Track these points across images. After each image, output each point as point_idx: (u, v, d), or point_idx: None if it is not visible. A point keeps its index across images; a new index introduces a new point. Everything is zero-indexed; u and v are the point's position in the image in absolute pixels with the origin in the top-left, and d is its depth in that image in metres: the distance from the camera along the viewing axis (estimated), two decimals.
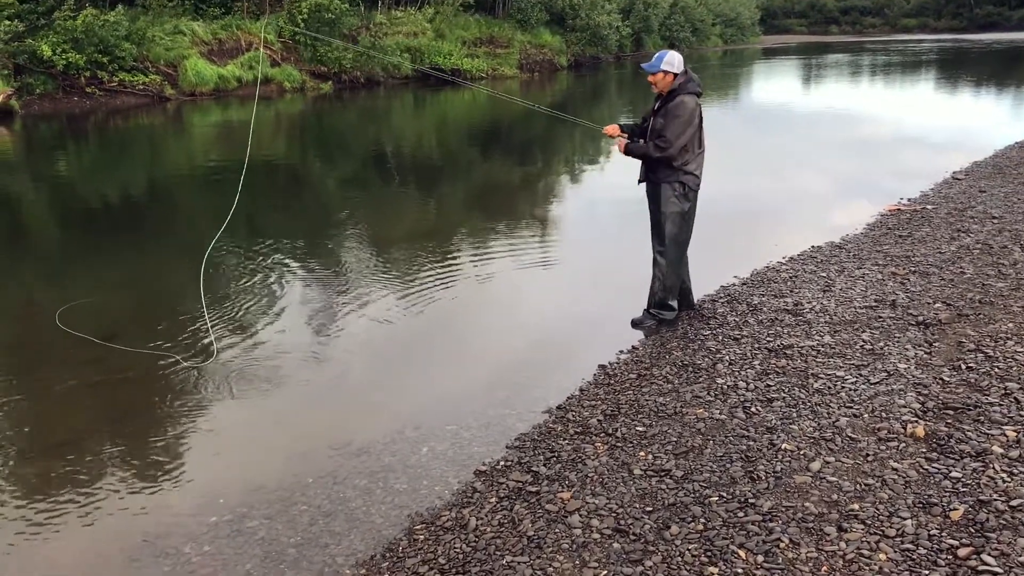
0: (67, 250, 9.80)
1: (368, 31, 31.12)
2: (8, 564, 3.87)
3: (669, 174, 6.26)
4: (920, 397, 4.85)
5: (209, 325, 6.69)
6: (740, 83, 35.96)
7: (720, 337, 6.15)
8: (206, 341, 6.42)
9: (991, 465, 4.02)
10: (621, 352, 6.08)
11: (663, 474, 4.23)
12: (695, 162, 6.26)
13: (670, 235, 6.38)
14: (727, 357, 5.74)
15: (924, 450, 4.26)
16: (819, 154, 15.77)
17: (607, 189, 12.76)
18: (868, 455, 4.24)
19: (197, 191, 13.35)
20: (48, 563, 3.88)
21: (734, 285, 7.44)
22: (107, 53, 23.10)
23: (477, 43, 36.51)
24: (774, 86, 34.77)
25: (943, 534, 3.53)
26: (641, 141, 6.42)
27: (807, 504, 3.84)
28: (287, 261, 8.62)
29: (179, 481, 4.56)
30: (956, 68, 40.72)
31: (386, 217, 11.27)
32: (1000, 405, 4.65)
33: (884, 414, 4.68)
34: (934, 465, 4.09)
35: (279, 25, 28.51)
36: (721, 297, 7.11)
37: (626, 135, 6.58)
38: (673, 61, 6.19)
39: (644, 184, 6.50)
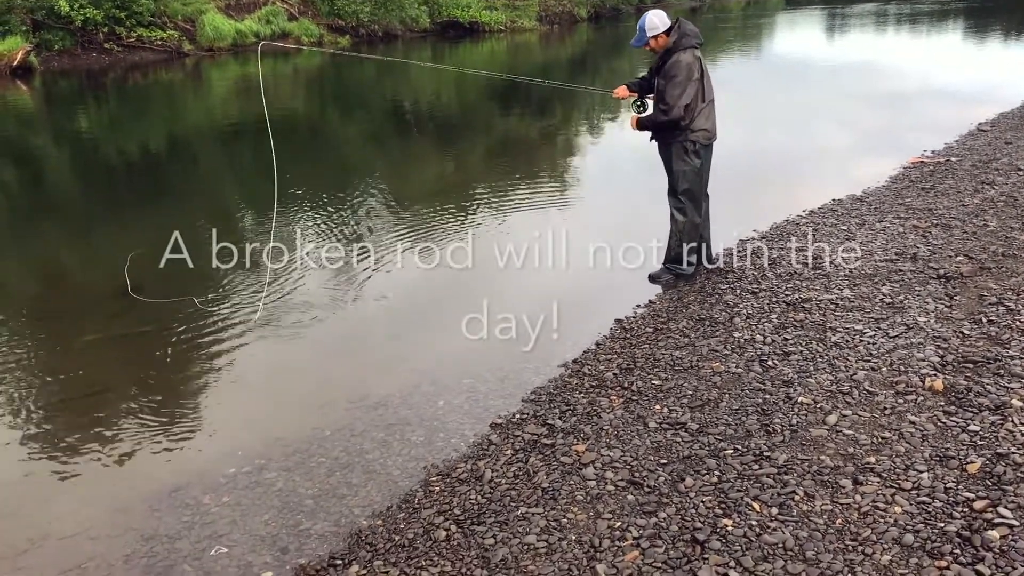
0: (93, 205, 9.85)
1: None
2: (32, 511, 3.95)
3: (677, 134, 6.20)
4: (939, 351, 4.81)
5: (232, 279, 6.74)
6: (763, 34, 35.38)
7: (738, 291, 6.11)
8: (228, 294, 6.46)
9: (1010, 418, 3.99)
10: (638, 306, 6.06)
11: (678, 427, 4.23)
12: (702, 116, 6.17)
13: (684, 191, 6.33)
14: (744, 311, 5.71)
15: (942, 403, 4.23)
16: (842, 106, 15.52)
17: (625, 142, 12.60)
18: (885, 408, 4.22)
19: (221, 146, 13.35)
20: (71, 511, 3.94)
21: (753, 239, 7.38)
22: (124, 8, 23.02)
23: None
24: (798, 37, 34.18)
25: (959, 487, 3.51)
26: (649, 100, 6.40)
27: (823, 457, 3.83)
28: (307, 214, 8.62)
29: (199, 433, 4.62)
30: (985, 17, 39.85)
31: (404, 172, 11.24)
32: (1021, 358, 4.60)
33: (902, 368, 4.65)
34: (952, 418, 4.06)
35: None
36: (740, 251, 7.06)
37: (635, 92, 6.54)
38: (655, 22, 6.10)
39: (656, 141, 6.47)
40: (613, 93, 6.69)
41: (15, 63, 20.10)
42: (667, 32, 6.12)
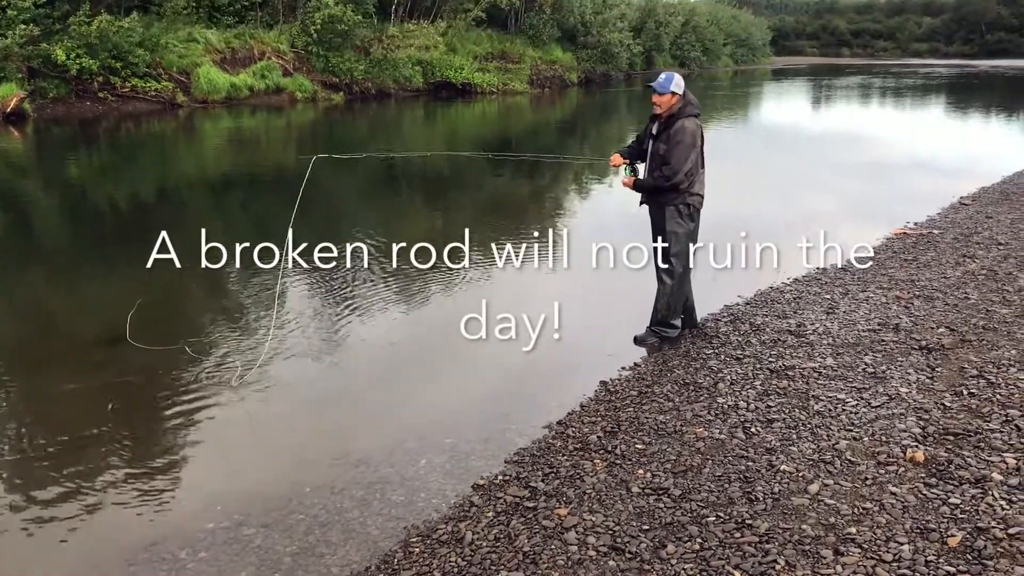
0: (81, 252, 9.84)
1: (380, 43, 31.26)
2: (5, 565, 3.88)
3: (675, 197, 6.28)
4: (921, 422, 4.84)
5: (217, 330, 6.72)
6: (750, 103, 36.02)
7: (722, 356, 6.15)
8: (210, 346, 6.44)
9: (990, 492, 4.00)
10: (623, 369, 6.08)
11: (661, 493, 4.22)
12: (699, 182, 6.30)
13: (675, 254, 6.38)
14: (728, 377, 5.73)
15: (923, 475, 4.25)
16: (827, 176, 15.77)
17: (612, 202, 12.75)
18: (867, 479, 4.23)
19: (211, 195, 13.40)
20: (45, 565, 3.89)
21: (738, 304, 7.44)
22: (120, 59, 23.25)
23: (489, 58, 36.65)
24: (784, 107, 34.82)
25: (940, 560, 3.51)
26: (640, 165, 6.49)
27: (804, 526, 3.83)
28: (293, 269, 8.63)
29: (178, 486, 4.57)
30: (966, 93, 40.74)
31: (392, 227, 11.29)
32: (1001, 432, 4.64)
33: (884, 438, 4.67)
34: (933, 491, 4.08)
35: (292, 35, 28.72)
36: (724, 316, 7.11)
37: (627, 161, 6.62)
38: (680, 83, 6.25)
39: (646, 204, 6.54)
40: (611, 163, 6.74)
41: (8, 109, 20.23)
42: (680, 95, 6.27)
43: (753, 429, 4.88)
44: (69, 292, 8.19)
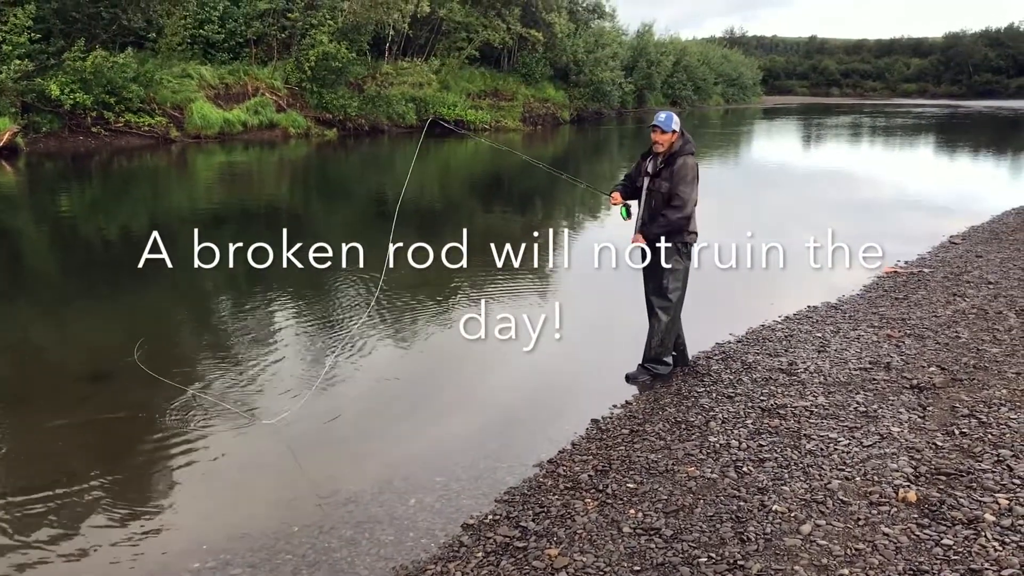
0: (67, 287, 9.81)
1: (374, 80, 31.51)
2: None
3: (675, 235, 6.30)
4: (913, 461, 4.82)
5: (206, 366, 6.68)
6: (740, 141, 36.29)
7: (714, 394, 6.13)
8: (198, 383, 6.39)
9: (983, 533, 3.98)
10: (614, 406, 6.05)
11: (652, 533, 4.18)
12: (695, 219, 6.34)
13: (672, 291, 6.38)
14: (720, 415, 5.71)
15: (916, 516, 4.22)
16: (817, 214, 15.86)
17: (603, 240, 12.75)
18: (859, 519, 4.20)
19: (203, 230, 13.39)
20: None
21: (729, 342, 7.43)
22: (114, 94, 23.35)
23: (482, 95, 37.02)
24: (775, 145, 35.09)
25: None
26: (633, 206, 6.52)
27: (796, 568, 3.79)
28: (282, 305, 8.61)
29: (163, 525, 4.51)
30: (957, 133, 41.15)
31: (382, 264, 11.28)
32: (993, 472, 4.62)
33: (876, 478, 4.65)
34: (926, 531, 4.05)
35: (286, 72, 28.94)
36: (716, 354, 7.10)
37: (625, 203, 6.63)
38: (679, 122, 6.34)
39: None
40: (611, 200, 6.74)
41: (1, 144, 20.28)
42: (680, 133, 6.34)
43: (745, 468, 4.86)
44: (57, 326, 8.14)
